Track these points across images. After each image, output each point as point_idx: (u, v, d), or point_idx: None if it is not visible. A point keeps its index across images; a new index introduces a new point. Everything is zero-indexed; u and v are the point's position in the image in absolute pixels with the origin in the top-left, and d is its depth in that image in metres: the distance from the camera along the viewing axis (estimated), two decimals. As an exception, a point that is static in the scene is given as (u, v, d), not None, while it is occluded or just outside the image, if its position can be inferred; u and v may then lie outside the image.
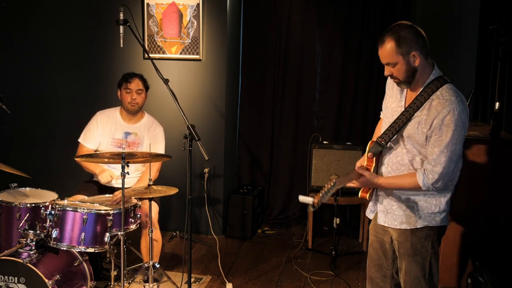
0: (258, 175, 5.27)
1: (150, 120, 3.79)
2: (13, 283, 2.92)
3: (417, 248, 2.39)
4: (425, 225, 2.37)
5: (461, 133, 2.23)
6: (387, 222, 2.47)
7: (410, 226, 2.39)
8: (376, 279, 2.62)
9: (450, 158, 2.23)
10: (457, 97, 2.23)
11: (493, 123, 3.07)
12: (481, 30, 4.13)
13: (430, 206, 2.37)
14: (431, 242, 2.39)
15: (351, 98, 4.97)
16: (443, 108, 2.20)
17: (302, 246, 4.53)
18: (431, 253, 2.39)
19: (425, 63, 2.27)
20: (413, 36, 2.23)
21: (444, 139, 2.21)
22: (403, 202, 2.40)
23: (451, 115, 2.19)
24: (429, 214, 2.37)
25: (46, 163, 4.93)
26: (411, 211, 2.38)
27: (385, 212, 2.47)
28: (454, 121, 2.19)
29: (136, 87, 3.63)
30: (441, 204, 2.37)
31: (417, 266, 2.40)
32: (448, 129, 2.20)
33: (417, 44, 2.23)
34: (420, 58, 2.24)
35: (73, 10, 4.79)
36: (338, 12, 4.89)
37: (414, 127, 2.29)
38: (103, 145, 3.69)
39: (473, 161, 3.03)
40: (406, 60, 2.24)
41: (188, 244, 3.22)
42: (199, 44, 4.55)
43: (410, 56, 2.23)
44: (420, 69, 2.27)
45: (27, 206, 3.20)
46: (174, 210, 4.75)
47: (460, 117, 2.20)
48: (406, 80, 2.29)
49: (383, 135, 2.38)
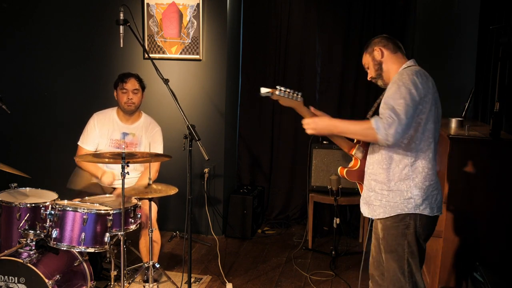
0: (258, 175, 5.27)
1: (148, 120, 3.79)
2: (13, 283, 2.92)
3: (393, 246, 2.45)
4: (398, 213, 2.41)
5: (410, 90, 2.29)
6: (370, 214, 2.54)
7: (385, 215, 2.45)
8: (376, 277, 2.65)
9: (398, 106, 2.26)
10: (414, 69, 2.39)
11: (493, 123, 3.07)
12: (481, 30, 4.12)
13: (402, 192, 2.41)
14: (407, 241, 2.42)
15: (351, 99, 4.98)
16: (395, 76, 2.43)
17: (302, 246, 4.53)
18: (407, 252, 2.42)
19: (391, 56, 2.52)
20: (377, 39, 2.57)
21: (390, 93, 2.35)
22: (379, 192, 2.46)
23: (398, 76, 2.39)
24: (402, 201, 2.41)
25: (46, 163, 4.93)
26: (386, 200, 2.44)
27: (367, 204, 2.55)
28: (401, 79, 2.34)
29: (132, 87, 3.62)
30: (411, 188, 2.39)
31: (394, 263, 2.45)
32: (393, 85, 2.36)
33: (380, 43, 2.55)
34: (385, 52, 2.52)
35: (73, 10, 4.79)
36: (338, 12, 4.89)
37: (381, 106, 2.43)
38: (101, 146, 3.69)
39: (473, 161, 3.03)
40: (372, 56, 2.56)
41: (188, 244, 3.23)
42: (199, 44, 4.55)
43: (374, 52, 2.54)
44: (386, 61, 2.52)
45: (27, 206, 3.19)
46: (174, 210, 4.75)
47: (409, 77, 2.33)
48: (377, 74, 2.56)
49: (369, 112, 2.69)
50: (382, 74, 2.54)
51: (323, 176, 4.47)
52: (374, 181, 2.49)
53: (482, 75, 4.03)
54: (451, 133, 3.15)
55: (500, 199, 3.01)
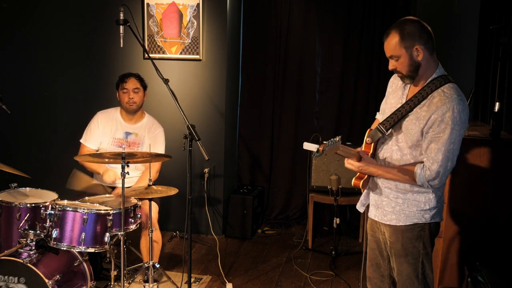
0: (258, 175, 5.27)
1: (151, 120, 3.79)
2: (13, 283, 2.92)
3: (408, 249, 2.39)
4: (414, 223, 2.36)
5: (460, 132, 2.22)
6: (377, 217, 2.48)
7: (399, 223, 2.38)
8: (375, 279, 2.62)
9: (448, 157, 2.22)
10: (459, 96, 2.22)
11: (493, 123, 3.07)
12: (481, 30, 4.12)
13: (420, 203, 2.36)
14: (423, 243, 2.38)
15: (351, 99, 4.98)
16: (443, 105, 2.20)
17: (302, 246, 4.52)
18: (423, 254, 2.38)
19: (429, 59, 2.27)
20: (417, 30, 2.23)
21: (442, 137, 2.20)
22: (393, 199, 2.40)
23: (450, 112, 2.18)
24: (418, 211, 2.36)
25: (46, 163, 4.93)
26: (400, 208, 2.38)
27: (376, 206, 2.48)
28: (453, 119, 2.18)
29: (133, 86, 3.63)
30: (431, 201, 2.36)
31: (409, 266, 2.40)
32: (447, 126, 2.19)
33: (421, 39, 2.23)
34: (424, 53, 2.24)
35: (73, 10, 4.79)
36: (338, 12, 4.90)
37: (412, 121, 2.29)
38: (104, 145, 3.70)
39: (473, 161, 3.03)
40: (409, 53, 2.24)
41: (188, 244, 3.23)
42: (199, 44, 4.55)
43: (413, 50, 2.24)
44: (424, 64, 2.27)
45: (27, 206, 3.19)
46: (174, 210, 4.75)
47: (460, 116, 2.19)
48: (409, 75, 2.29)
49: (384, 122, 2.37)
50: (415, 76, 2.29)
51: (323, 176, 4.47)
52: (389, 188, 2.41)
53: (482, 75, 4.03)
54: (451, 133, 3.14)
55: (500, 199, 3.01)
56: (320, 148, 2.12)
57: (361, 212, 2.65)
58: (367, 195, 2.56)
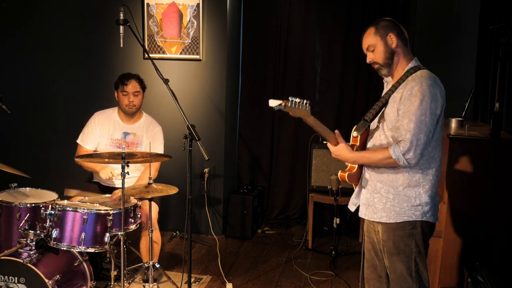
0: (258, 175, 5.27)
1: (149, 119, 3.79)
2: (13, 283, 2.92)
3: (400, 247, 2.39)
4: (405, 220, 2.36)
5: (431, 105, 2.25)
6: (367, 216, 2.49)
7: (390, 220, 2.39)
8: (372, 280, 2.61)
9: (419, 127, 2.24)
10: (430, 76, 2.30)
11: (493, 123, 3.07)
12: (481, 30, 4.13)
13: (410, 198, 2.36)
14: (415, 241, 2.38)
15: (351, 99, 4.97)
16: (413, 82, 2.29)
17: (302, 246, 4.53)
18: (415, 252, 2.38)
19: (403, 49, 2.39)
20: (391, 24, 2.39)
21: (412, 108, 2.26)
22: (384, 195, 2.40)
23: (419, 86, 2.26)
24: (409, 207, 2.36)
25: (46, 163, 4.93)
26: (391, 205, 2.38)
27: (366, 205, 2.48)
28: (422, 91, 2.24)
29: (133, 89, 3.61)
30: (421, 196, 2.35)
31: (402, 264, 2.40)
32: (416, 98, 2.26)
33: (394, 29, 2.38)
34: (398, 41, 2.36)
35: (73, 10, 4.79)
36: (338, 12, 4.89)
37: (390, 106, 2.37)
38: (101, 145, 3.68)
39: (473, 161, 3.03)
40: (384, 41, 2.37)
41: (188, 244, 3.23)
42: (199, 44, 4.55)
43: (387, 38, 2.36)
44: (398, 52, 2.38)
45: (27, 206, 3.20)
46: (174, 210, 4.75)
47: (430, 89, 2.25)
48: (385, 63, 2.39)
49: (367, 113, 2.46)
50: (391, 64, 2.39)
51: (323, 176, 4.47)
52: (380, 182, 2.41)
53: (482, 75, 4.03)
54: (451, 133, 3.15)
55: (500, 199, 3.01)
56: (283, 103, 2.26)
57: (352, 211, 2.65)
58: (357, 193, 2.56)
